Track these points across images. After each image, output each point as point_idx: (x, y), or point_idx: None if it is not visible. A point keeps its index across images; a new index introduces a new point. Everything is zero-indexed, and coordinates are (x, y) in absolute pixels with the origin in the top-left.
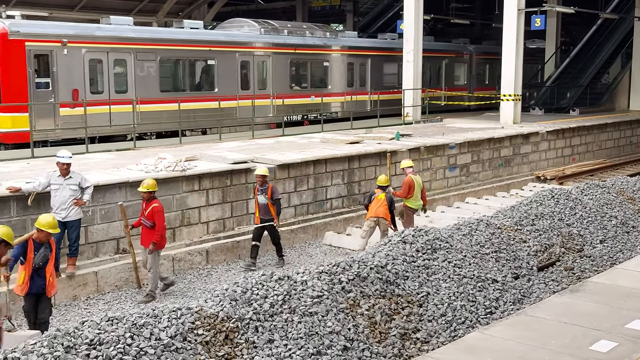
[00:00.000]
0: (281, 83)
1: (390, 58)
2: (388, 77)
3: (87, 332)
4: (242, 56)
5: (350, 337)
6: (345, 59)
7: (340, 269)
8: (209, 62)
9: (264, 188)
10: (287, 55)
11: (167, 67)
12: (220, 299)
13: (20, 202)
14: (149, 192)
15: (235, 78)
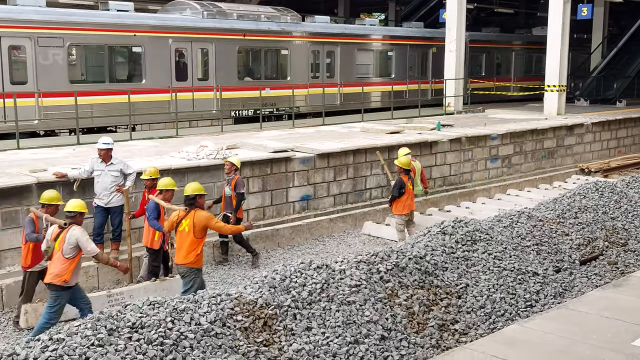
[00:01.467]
0: (227, 74)
1: (366, 46)
2: (362, 68)
3: (130, 316)
4: (177, 43)
5: (387, 326)
6: (309, 46)
7: (379, 259)
8: (135, 50)
9: (230, 178)
10: (235, 42)
11: (81, 55)
12: (259, 285)
13: (66, 188)
14: (152, 179)
15: (168, 68)
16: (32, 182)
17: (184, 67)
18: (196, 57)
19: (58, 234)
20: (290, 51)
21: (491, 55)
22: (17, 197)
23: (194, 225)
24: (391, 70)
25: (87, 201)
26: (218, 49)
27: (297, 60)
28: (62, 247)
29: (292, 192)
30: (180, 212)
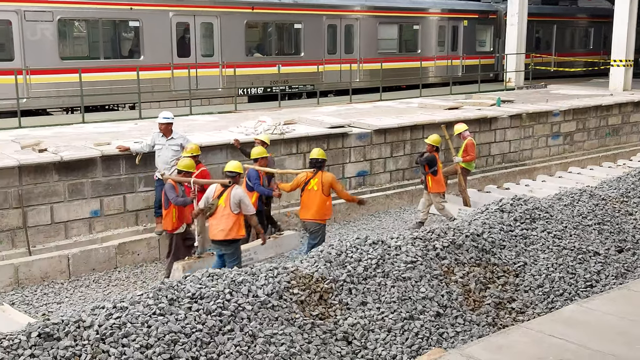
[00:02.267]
0: (234, 49)
1: (391, 20)
2: (386, 43)
3: (190, 287)
4: (179, 17)
5: (443, 303)
6: (324, 20)
7: (435, 236)
8: (132, 24)
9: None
10: (242, 16)
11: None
12: (315, 260)
13: (129, 161)
14: (195, 156)
15: (169, 44)
16: (96, 155)
17: (186, 42)
18: (201, 32)
19: (221, 193)
20: (304, 25)
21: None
22: (82, 170)
23: (322, 184)
24: (417, 45)
25: (149, 175)
26: (224, 23)
27: (310, 35)
28: (229, 203)
29: (348, 167)
30: (307, 173)
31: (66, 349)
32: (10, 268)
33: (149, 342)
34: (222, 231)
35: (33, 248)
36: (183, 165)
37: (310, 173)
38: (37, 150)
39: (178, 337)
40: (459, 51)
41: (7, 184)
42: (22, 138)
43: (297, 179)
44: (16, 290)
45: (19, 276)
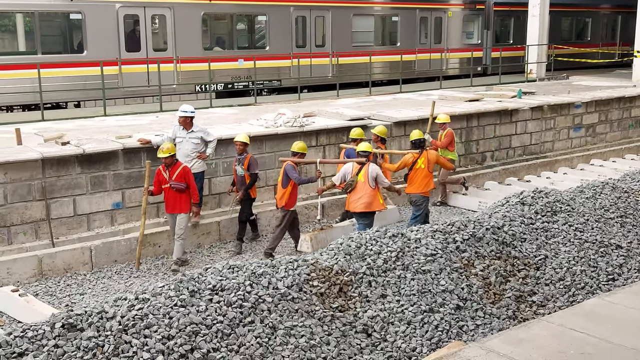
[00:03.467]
0: (190, 43)
1: (366, 11)
2: (362, 35)
3: (210, 278)
4: (127, 9)
5: (463, 296)
6: (292, 11)
7: (455, 229)
8: (73, 17)
9: (242, 157)
10: (199, 8)
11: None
12: (335, 252)
13: (150, 154)
14: (171, 156)
15: (115, 37)
16: (118, 148)
17: (136, 35)
18: (151, 24)
19: (358, 171)
20: (269, 17)
21: (575, 20)
22: (104, 162)
23: (429, 162)
24: (397, 38)
25: None
26: (178, 15)
27: (276, 28)
28: (367, 178)
29: None
30: (413, 154)
31: (89, 339)
32: (34, 259)
33: (171, 333)
34: (364, 204)
35: (56, 240)
36: (298, 147)
37: (416, 154)
38: (60, 143)
39: (199, 329)
40: (443, 44)
41: (31, 177)
42: (45, 131)
43: (405, 160)
44: (40, 282)
45: (43, 267)
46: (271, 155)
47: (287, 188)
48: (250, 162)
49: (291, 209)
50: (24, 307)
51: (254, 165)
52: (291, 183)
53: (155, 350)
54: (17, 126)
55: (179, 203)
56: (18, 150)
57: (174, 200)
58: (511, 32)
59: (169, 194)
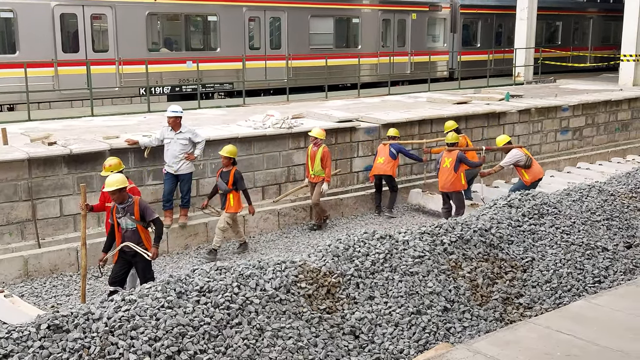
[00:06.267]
0: (134, 44)
1: (325, 12)
2: (320, 37)
3: (198, 280)
4: (63, 7)
5: (450, 298)
6: (244, 12)
7: (443, 231)
8: (3, 16)
9: (227, 171)
10: (143, 7)
11: None
12: (323, 254)
13: (137, 154)
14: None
15: (51, 37)
16: (105, 149)
17: (74, 36)
18: (91, 24)
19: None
20: (220, 17)
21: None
22: (91, 163)
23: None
24: (357, 40)
25: (157, 168)
26: (121, 14)
27: (227, 29)
28: (453, 165)
29: (356, 161)
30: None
31: (75, 341)
32: (20, 260)
33: (157, 334)
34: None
35: (42, 240)
36: (452, 138)
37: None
38: (47, 143)
39: (186, 330)
40: (406, 47)
41: (17, 177)
42: (32, 131)
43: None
44: (25, 282)
45: (28, 268)
46: (259, 157)
47: (457, 172)
48: (236, 177)
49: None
50: (9, 308)
51: (240, 181)
52: (462, 168)
53: (142, 352)
54: (3, 126)
55: None
56: (4, 150)
57: None
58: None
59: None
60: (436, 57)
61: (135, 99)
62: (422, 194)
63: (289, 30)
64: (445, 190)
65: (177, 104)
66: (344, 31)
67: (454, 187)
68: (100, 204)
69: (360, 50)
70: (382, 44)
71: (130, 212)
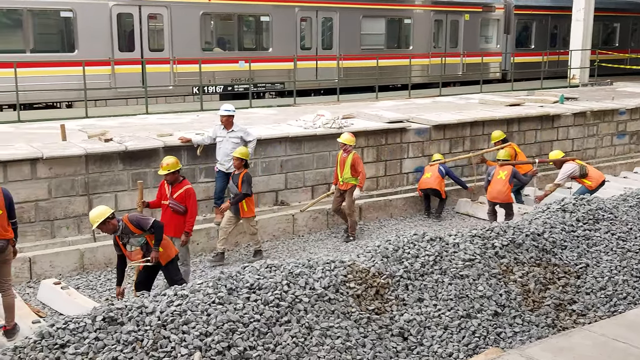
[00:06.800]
0: (188, 44)
1: (377, 12)
2: (371, 38)
3: (248, 277)
4: (120, 7)
5: (501, 302)
6: (296, 13)
7: (494, 234)
8: (63, 15)
9: (238, 174)
10: (197, 7)
11: None
12: (372, 254)
13: (190, 152)
14: (172, 173)
15: (108, 36)
16: (159, 146)
17: (130, 35)
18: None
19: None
20: (272, 17)
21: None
22: (146, 160)
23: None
24: (409, 41)
25: (209, 166)
26: (175, 14)
27: (279, 29)
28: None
29: (406, 163)
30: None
31: (129, 333)
32: (76, 253)
33: (208, 330)
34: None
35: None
36: (505, 155)
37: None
38: (103, 139)
39: (236, 326)
40: (459, 48)
41: (75, 172)
42: (89, 128)
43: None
44: (81, 275)
45: (84, 261)
46: (309, 157)
47: (511, 185)
48: (243, 179)
49: None
50: (65, 299)
51: (245, 184)
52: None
53: (193, 347)
54: (62, 122)
55: (173, 225)
56: (63, 146)
57: (169, 220)
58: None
59: (165, 212)
60: (489, 58)
61: (188, 98)
62: (471, 202)
63: (340, 31)
64: (495, 201)
65: (230, 103)
66: (396, 32)
67: (506, 198)
68: (157, 201)
69: (412, 51)
70: (434, 45)
71: (128, 232)
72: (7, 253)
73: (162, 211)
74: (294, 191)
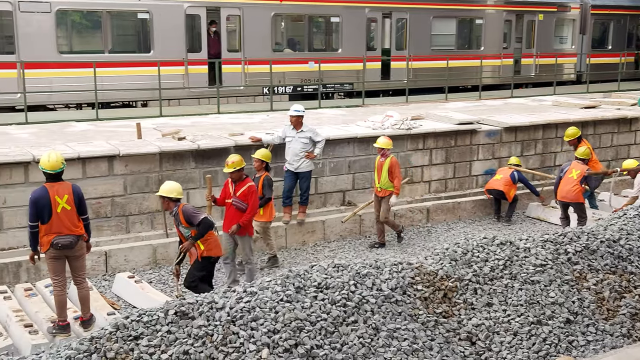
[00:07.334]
0: (259, 44)
1: (447, 13)
2: (441, 39)
3: (316, 276)
4: (192, 9)
5: (574, 310)
6: (366, 13)
7: (567, 239)
8: (140, 17)
9: (258, 177)
10: (268, 8)
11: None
12: (440, 257)
13: None
14: (237, 170)
15: (182, 38)
16: (230, 145)
17: (198, 36)
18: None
19: None
20: (342, 18)
21: None
22: (217, 158)
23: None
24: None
25: (278, 165)
26: (248, 16)
27: (349, 29)
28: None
29: (475, 165)
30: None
31: (200, 328)
32: (149, 248)
33: (276, 327)
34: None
35: (170, 231)
36: (583, 154)
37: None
38: (177, 138)
39: (303, 325)
40: (532, 49)
41: (149, 170)
42: (163, 126)
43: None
44: (154, 270)
45: (157, 256)
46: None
47: (581, 186)
48: (264, 184)
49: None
50: (138, 293)
51: (267, 187)
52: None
53: (261, 343)
54: (138, 121)
55: (235, 223)
56: (138, 144)
57: (231, 218)
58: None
59: (229, 210)
60: (563, 59)
61: (258, 98)
62: (543, 207)
63: (410, 31)
64: (565, 200)
65: (300, 104)
66: (467, 32)
67: (576, 198)
68: (221, 199)
69: (483, 51)
70: (506, 46)
71: (178, 220)
72: (79, 248)
73: (225, 209)
74: (360, 191)
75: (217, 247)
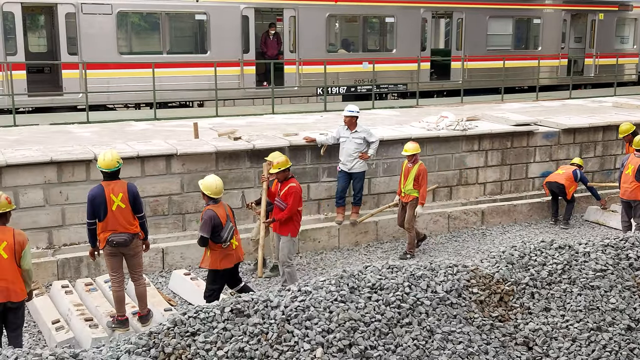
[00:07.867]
0: (314, 45)
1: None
2: (497, 39)
3: (370, 277)
4: (247, 10)
5: (636, 317)
6: (421, 14)
7: (629, 244)
8: (198, 18)
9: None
10: (323, 9)
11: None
12: (496, 260)
13: (314, 152)
14: (283, 171)
15: (238, 39)
16: (285, 145)
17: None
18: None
19: None
20: (397, 18)
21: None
22: None
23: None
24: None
25: (332, 166)
26: (303, 17)
27: (404, 28)
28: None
29: (532, 167)
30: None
31: (255, 325)
32: None
33: (330, 327)
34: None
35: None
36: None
37: None
38: (232, 138)
39: (357, 325)
40: (593, 49)
41: (205, 168)
42: (219, 126)
43: None
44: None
45: None
46: (431, 158)
47: (638, 182)
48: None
49: None
50: (194, 290)
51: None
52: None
53: (315, 342)
54: (195, 121)
55: (278, 223)
56: (195, 144)
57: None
58: None
59: (275, 210)
60: (624, 59)
61: (312, 98)
62: (602, 211)
63: (466, 31)
64: (625, 197)
65: (354, 104)
66: (524, 32)
67: (634, 195)
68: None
69: (541, 51)
70: (562, 46)
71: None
72: (134, 246)
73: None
74: None
75: (224, 260)
